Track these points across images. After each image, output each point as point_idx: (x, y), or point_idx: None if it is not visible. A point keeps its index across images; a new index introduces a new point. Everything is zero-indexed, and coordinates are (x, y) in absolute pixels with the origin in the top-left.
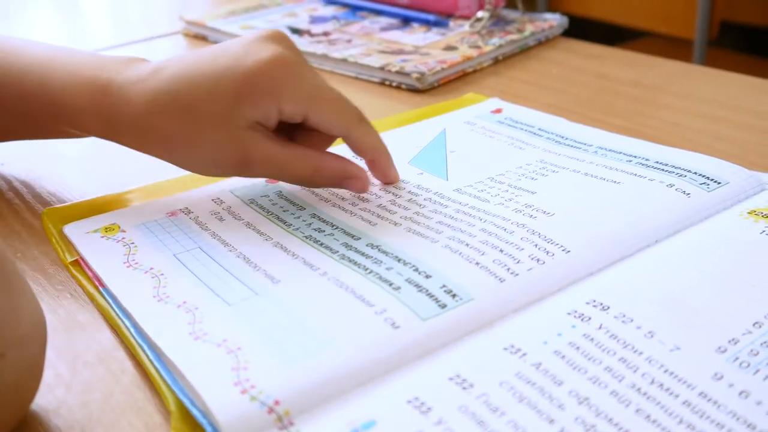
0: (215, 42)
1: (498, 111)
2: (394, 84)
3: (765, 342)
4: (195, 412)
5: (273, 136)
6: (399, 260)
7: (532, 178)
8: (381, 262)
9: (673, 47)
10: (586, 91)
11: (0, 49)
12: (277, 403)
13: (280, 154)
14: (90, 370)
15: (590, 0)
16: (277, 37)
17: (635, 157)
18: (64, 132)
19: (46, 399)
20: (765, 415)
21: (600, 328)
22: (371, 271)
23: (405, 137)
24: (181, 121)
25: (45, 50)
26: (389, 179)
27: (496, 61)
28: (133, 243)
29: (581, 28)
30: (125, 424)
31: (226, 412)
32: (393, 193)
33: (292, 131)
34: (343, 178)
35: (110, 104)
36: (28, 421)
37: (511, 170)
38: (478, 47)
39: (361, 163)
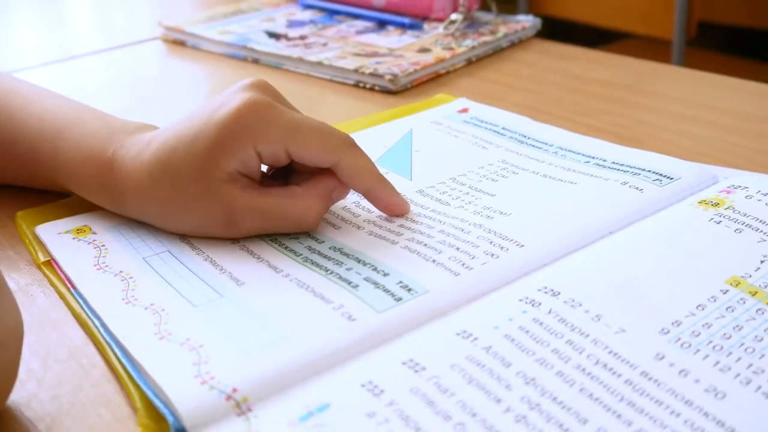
0: (193, 47)
1: (464, 111)
2: (368, 86)
3: (707, 323)
4: (158, 403)
5: (256, 187)
6: (359, 261)
7: (493, 180)
8: (342, 263)
9: (654, 48)
10: (557, 91)
11: (9, 105)
12: (234, 390)
13: (263, 203)
14: (61, 365)
15: (570, 2)
16: (253, 86)
17: (593, 158)
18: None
19: (18, 393)
20: (702, 392)
21: (549, 312)
22: (332, 272)
23: (373, 137)
24: (169, 188)
25: (56, 110)
26: (394, 210)
27: (470, 63)
28: (103, 245)
29: (565, 31)
30: (94, 416)
31: (186, 402)
32: (358, 194)
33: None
34: (330, 194)
35: (114, 182)
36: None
37: (473, 170)
38: (451, 49)
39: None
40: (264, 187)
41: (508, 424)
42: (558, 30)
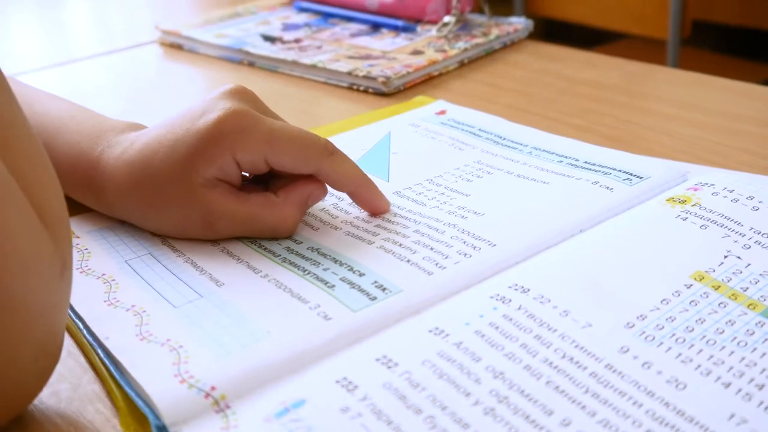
0: (190, 50)
1: (442, 113)
2: (361, 88)
3: (670, 317)
4: (139, 402)
5: (234, 192)
6: (336, 261)
7: (468, 180)
8: (319, 263)
9: (650, 48)
10: (547, 92)
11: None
12: (213, 389)
13: (240, 210)
14: (60, 363)
15: (566, 3)
16: (234, 93)
17: (566, 157)
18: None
19: None
20: (664, 383)
21: (519, 308)
22: (309, 272)
23: (352, 140)
24: (149, 189)
25: (56, 110)
26: (377, 210)
27: (462, 65)
28: (86, 249)
29: (563, 32)
30: (92, 411)
31: (166, 400)
32: (336, 196)
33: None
34: (307, 200)
35: (98, 181)
36: None
37: (449, 171)
38: (444, 51)
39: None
40: (243, 193)
41: (477, 416)
42: (556, 31)
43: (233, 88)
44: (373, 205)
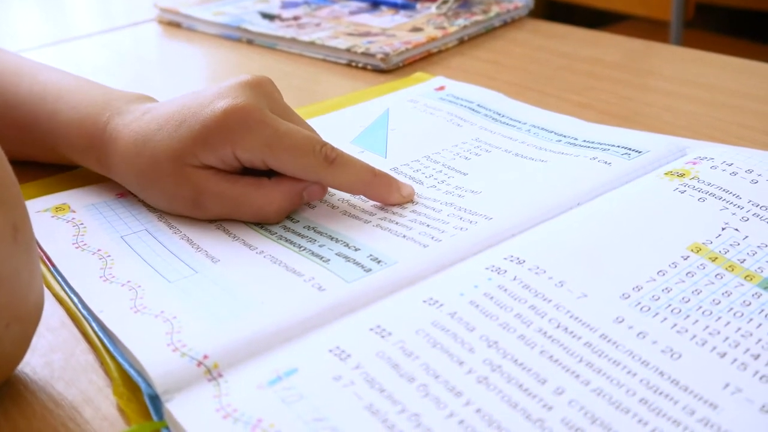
0: (189, 28)
1: (441, 88)
2: (360, 65)
3: (666, 288)
4: (131, 372)
5: (225, 174)
6: (332, 238)
7: (466, 158)
8: (315, 240)
9: (654, 29)
10: (546, 69)
11: (19, 72)
12: (205, 357)
13: (229, 190)
14: (53, 334)
15: None
16: (252, 84)
17: (565, 136)
18: (70, 161)
19: None
20: (659, 353)
21: (514, 279)
22: (305, 249)
23: (350, 117)
24: (147, 161)
25: (59, 79)
26: (391, 203)
27: (462, 42)
28: (82, 224)
29: (566, 13)
30: (85, 381)
31: (158, 368)
32: None
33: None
34: (300, 192)
35: (103, 145)
36: None
37: (447, 148)
38: (443, 28)
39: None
40: (234, 175)
41: (470, 384)
42: (558, 12)
43: (252, 79)
44: (386, 200)
